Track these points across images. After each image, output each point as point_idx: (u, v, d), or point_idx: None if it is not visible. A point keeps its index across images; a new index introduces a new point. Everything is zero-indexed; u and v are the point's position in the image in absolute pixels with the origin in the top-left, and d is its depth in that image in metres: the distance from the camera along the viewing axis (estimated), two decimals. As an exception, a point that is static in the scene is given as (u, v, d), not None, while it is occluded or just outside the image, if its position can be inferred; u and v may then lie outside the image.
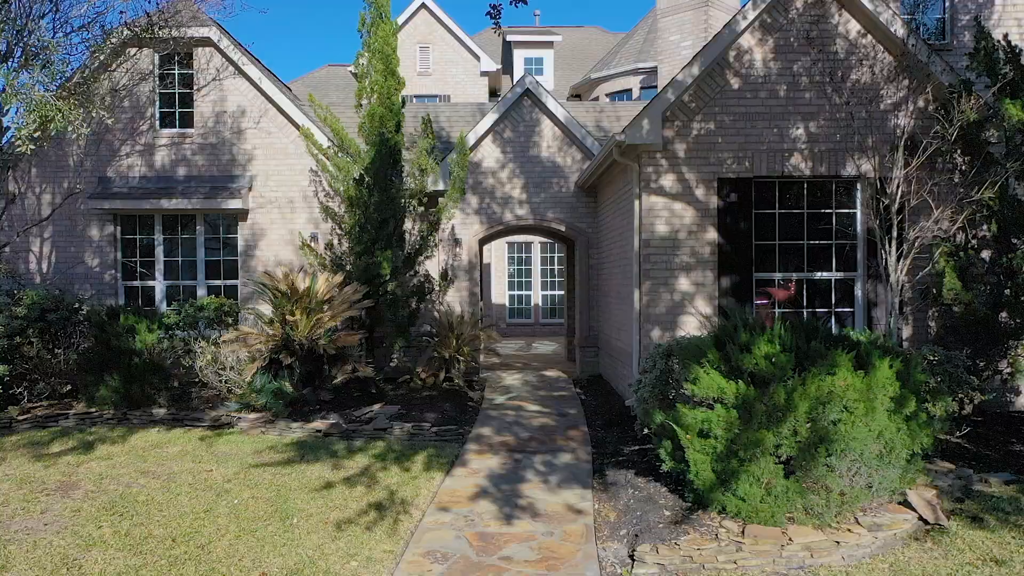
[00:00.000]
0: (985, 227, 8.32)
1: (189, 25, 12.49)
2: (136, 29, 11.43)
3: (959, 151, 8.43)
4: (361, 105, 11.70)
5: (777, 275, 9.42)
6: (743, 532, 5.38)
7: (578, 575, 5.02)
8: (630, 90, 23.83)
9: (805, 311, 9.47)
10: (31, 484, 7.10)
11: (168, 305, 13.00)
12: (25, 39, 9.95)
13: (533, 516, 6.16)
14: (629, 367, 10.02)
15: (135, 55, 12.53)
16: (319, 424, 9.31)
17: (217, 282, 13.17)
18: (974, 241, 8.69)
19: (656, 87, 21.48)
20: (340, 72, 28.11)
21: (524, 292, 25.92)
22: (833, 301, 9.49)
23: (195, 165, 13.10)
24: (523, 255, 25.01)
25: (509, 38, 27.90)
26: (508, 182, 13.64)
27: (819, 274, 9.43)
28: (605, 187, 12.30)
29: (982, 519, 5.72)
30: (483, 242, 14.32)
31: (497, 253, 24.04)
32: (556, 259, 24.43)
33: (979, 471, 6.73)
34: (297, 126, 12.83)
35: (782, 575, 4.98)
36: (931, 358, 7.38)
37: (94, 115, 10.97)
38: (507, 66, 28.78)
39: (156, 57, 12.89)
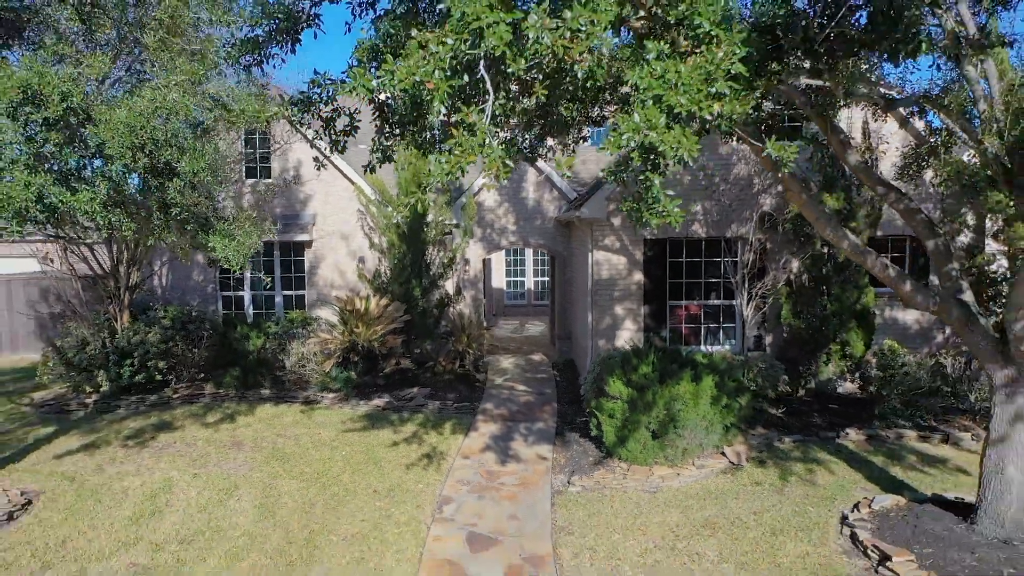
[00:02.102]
0: (807, 279, 12.43)
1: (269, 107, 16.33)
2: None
3: (793, 228, 12.50)
4: (401, 168, 15.66)
5: (684, 302, 13.56)
6: (629, 469, 9.63)
7: (539, 491, 9.25)
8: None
9: (703, 326, 13.64)
10: (213, 443, 11.31)
11: (254, 309, 17.17)
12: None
13: (517, 461, 10.39)
14: (586, 360, 14.18)
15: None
16: (377, 402, 13.52)
17: (290, 292, 17.30)
18: (812, 283, 12.79)
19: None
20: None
21: (519, 279, 30.08)
22: (722, 319, 13.64)
23: (272, 206, 17.12)
24: (518, 248, 29.08)
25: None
26: (503, 216, 17.68)
27: (712, 301, 13.57)
28: (573, 228, 16.37)
29: (765, 462, 9.96)
30: (485, 258, 18.41)
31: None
32: (545, 251, 28.46)
33: (782, 435, 10.95)
34: (351, 180, 16.83)
35: (645, 491, 9.21)
36: (761, 365, 11.58)
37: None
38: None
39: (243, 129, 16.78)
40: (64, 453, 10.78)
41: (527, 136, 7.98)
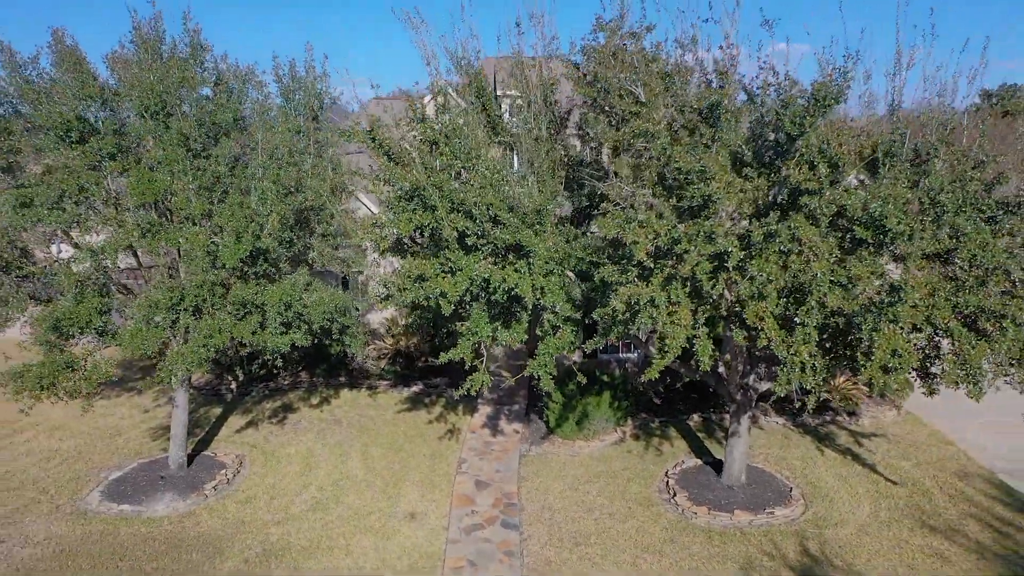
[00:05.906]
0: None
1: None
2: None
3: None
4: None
5: (609, 326, 20.45)
6: (563, 442, 16.78)
7: (513, 455, 16.36)
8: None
9: (621, 341, 20.59)
10: (323, 421, 18.38)
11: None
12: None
13: (502, 435, 17.51)
14: (549, 360, 21.17)
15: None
16: (415, 388, 20.60)
17: (348, 303, 24.17)
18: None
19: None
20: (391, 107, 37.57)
21: (510, 261, 36.83)
22: (634, 336, 20.57)
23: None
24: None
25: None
26: (496, 249, 24.38)
27: (628, 326, 20.46)
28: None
29: (640, 437, 17.09)
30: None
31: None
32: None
33: (656, 418, 18.04)
34: (389, 229, 23.47)
35: (569, 455, 16.34)
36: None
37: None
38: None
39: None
40: (239, 429, 17.90)
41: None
